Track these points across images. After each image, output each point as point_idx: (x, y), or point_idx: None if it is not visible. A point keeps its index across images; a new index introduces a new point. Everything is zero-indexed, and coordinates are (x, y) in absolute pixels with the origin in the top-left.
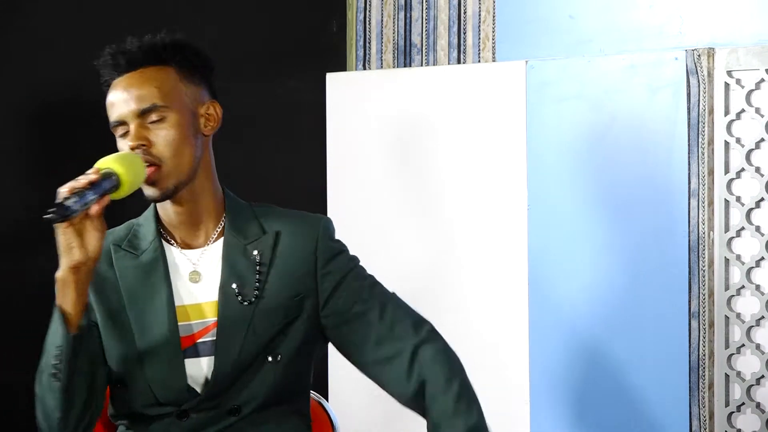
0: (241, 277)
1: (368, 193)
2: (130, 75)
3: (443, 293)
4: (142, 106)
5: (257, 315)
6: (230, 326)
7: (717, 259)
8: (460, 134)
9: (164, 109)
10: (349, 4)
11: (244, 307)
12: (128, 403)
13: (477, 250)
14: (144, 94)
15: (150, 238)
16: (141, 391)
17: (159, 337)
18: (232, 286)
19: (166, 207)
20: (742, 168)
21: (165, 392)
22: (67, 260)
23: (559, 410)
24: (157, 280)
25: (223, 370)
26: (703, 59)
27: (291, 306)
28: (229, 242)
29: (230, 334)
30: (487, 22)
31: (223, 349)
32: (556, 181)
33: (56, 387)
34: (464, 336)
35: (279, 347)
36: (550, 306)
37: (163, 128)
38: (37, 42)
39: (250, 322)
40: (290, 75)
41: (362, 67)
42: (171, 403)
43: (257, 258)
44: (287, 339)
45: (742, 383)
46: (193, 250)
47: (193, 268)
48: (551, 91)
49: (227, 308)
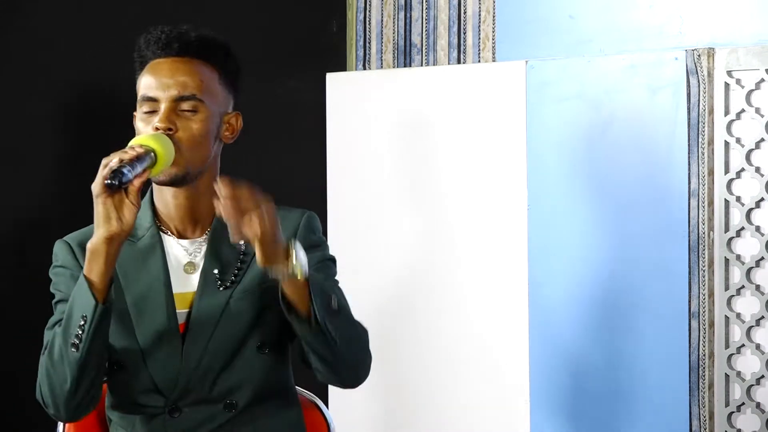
0: (224, 264)
1: (368, 192)
2: (176, 59)
3: (443, 293)
4: (183, 93)
5: (234, 298)
6: (205, 309)
7: (717, 259)
8: (460, 134)
9: (200, 103)
10: (349, 4)
11: (220, 291)
12: (125, 388)
13: (477, 250)
14: (188, 82)
15: (146, 225)
16: (139, 374)
17: (157, 320)
18: (214, 271)
19: (165, 199)
20: (742, 168)
21: (163, 374)
22: (104, 230)
23: (559, 410)
24: (154, 265)
25: (196, 351)
26: (703, 59)
27: (268, 290)
28: (216, 231)
29: (205, 317)
30: (487, 22)
31: (197, 332)
32: (556, 181)
33: (74, 357)
34: (464, 336)
35: (264, 335)
36: (550, 306)
37: (192, 119)
38: (37, 42)
39: (226, 306)
40: (290, 75)
41: (362, 67)
42: (167, 388)
43: (242, 248)
44: (269, 326)
45: (742, 383)
46: (188, 240)
47: (189, 259)
48: (551, 91)
49: (205, 292)
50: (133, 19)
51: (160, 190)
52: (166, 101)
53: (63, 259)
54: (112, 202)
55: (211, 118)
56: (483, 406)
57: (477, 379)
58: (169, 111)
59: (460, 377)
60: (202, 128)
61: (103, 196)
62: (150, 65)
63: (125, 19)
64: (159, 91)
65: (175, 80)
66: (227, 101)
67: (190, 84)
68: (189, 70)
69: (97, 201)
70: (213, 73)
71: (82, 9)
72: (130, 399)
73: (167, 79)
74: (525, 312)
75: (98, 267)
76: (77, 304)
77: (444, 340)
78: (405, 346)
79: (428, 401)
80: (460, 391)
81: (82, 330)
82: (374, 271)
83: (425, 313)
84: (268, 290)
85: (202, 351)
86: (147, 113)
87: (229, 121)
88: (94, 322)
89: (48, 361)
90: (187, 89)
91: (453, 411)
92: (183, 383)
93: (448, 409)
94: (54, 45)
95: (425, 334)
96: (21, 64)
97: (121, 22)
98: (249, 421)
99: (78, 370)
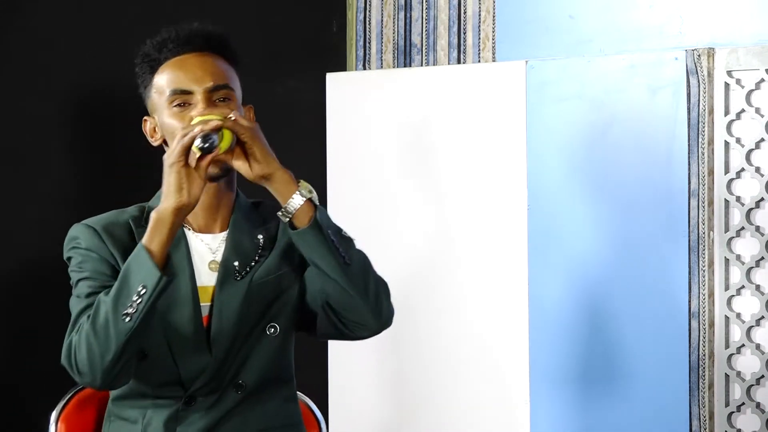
0: (244, 256)
1: (368, 192)
2: (201, 54)
3: (443, 293)
4: (218, 82)
5: (252, 285)
6: (227, 302)
7: (717, 259)
8: (460, 134)
9: (231, 93)
10: (349, 4)
11: (238, 282)
12: (143, 378)
13: (477, 250)
14: (219, 73)
15: None
16: (163, 364)
17: (184, 312)
18: (234, 263)
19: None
20: (742, 168)
21: (189, 366)
22: (174, 200)
23: (559, 410)
24: (179, 259)
25: (222, 345)
26: (703, 59)
27: (284, 277)
28: (236, 223)
29: (227, 310)
30: (487, 22)
31: (221, 325)
32: (556, 181)
33: (125, 327)
34: (464, 336)
35: (275, 319)
36: (550, 306)
37: (228, 108)
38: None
39: (245, 296)
40: (290, 75)
41: (362, 67)
42: (190, 380)
43: (261, 242)
44: (282, 310)
45: (742, 383)
46: (208, 235)
47: (212, 257)
48: (551, 91)
49: (224, 285)
50: (133, 19)
51: None
52: (201, 93)
53: (89, 243)
54: (185, 172)
55: (239, 107)
56: (483, 406)
57: (477, 379)
58: (206, 101)
59: (460, 377)
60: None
61: (178, 165)
62: (171, 62)
63: (125, 19)
64: (192, 84)
65: (208, 72)
66: (242, 97)
67: (222, 74)
68: (215, 63)
69: (171, 170)
70: (230, 66)
71: (82, 9)
72: (146, 389)
73: (200, 72)
74: (525, 312)
75: (161, 237)
76: (135, 273)
77: (444, 339)
78: (405, 346)
79: (428, 401)
80: (460, 391)
81: (140, 299)
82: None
83: (425, 313)
84: (284, 276)
85: (229, 343)
86: (179, 106)
87: (246, 114)
88: (155, 294)
89: (90, 329)
90: (221, 79)
91: (453, 411)
92: (209, 376)
93: (448, 408)
94: (54, 45)
95: (425, 333)
96: (21, 64)
97: (121, 22)
98: (256, 402)
99: (126, 340)
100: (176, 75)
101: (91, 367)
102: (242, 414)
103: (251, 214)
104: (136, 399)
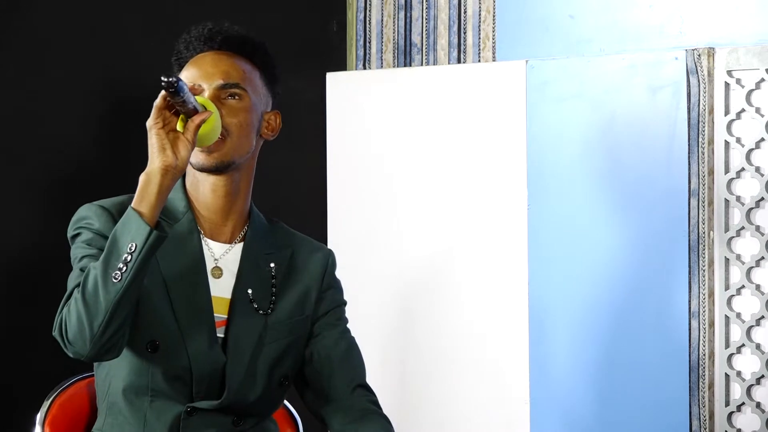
0: (257, 285)
1: (368, 192)
2: (219, 53)
3: (443, 293)
4: (228, 80)
5: (270, 326)
6: (244, 330)
7: (717, 259)
8: (460, 134)
9: (243, 92)
10: (349, 4)
11: (258, 315)
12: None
13: (477, 250)
14: (232, 72)
15: (182, 210)
16: (176, 360)
17: (197, 301)
18: (248, 291)
19: (204, 192)
20: (742, 168)
21: (203, 364)
22: (159, 161)
23: (559, 410)
24: (195, 253)
25: (236, 371)
26: (703, 59)
27: (298, 324)
28: (250, 246)
29: (244, 338)
30: (487, 22)
31: (236, 349)
32: (556, 181)
33: (115, 288)
34: (464, 336)
35: (288, 369)
36: (550, 306)
37: (237, 105)
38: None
39: (262, 332)
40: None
41: (362, 66)
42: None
43: (273, 271)
44: (292, 360)
45: (742, 383)
46: (216, 243)
47: (215, 264)
48: (551, 91)
49: (242, 310)
50: (133, 20)
51: (201, 182)
52: (210, 89)
53: (102, 226)
54: (165, 134)
55: (253, 109)
56: (483, 406)
57: (477, 379)
58: (213, 97)
59: (461, 377)
60: (247, 117)
61: (156, 128)
62: (192, 60)
63: (125, 19)
64: (203, 80)
65: (219, 69)
66: (267, 99)
67: (234, 74)
68: (231, 62)
69: (150, 132)
70: (254, 70)
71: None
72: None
73: (211, 69)
74: (525, 312)
75: (150, 198)
76: (123, 234)
77: (444, 340)
78: (405, 346)
79: (428, 401)
80: (461, 391)
81: (130, 256)
82: (374, 270)
83: (425, 313)
84: (297, 324)
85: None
86: None
87: (269, 119)
88: (146, 249)
89: (80, 296)
90: (232, 77)
91: (453, 411)
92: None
93: (448, 409)
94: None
95: (425, 333)
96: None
97: (122, 22)
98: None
99: (115, 302)
100: (191, 72)
101: (81, 334)
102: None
103: (265, 234)
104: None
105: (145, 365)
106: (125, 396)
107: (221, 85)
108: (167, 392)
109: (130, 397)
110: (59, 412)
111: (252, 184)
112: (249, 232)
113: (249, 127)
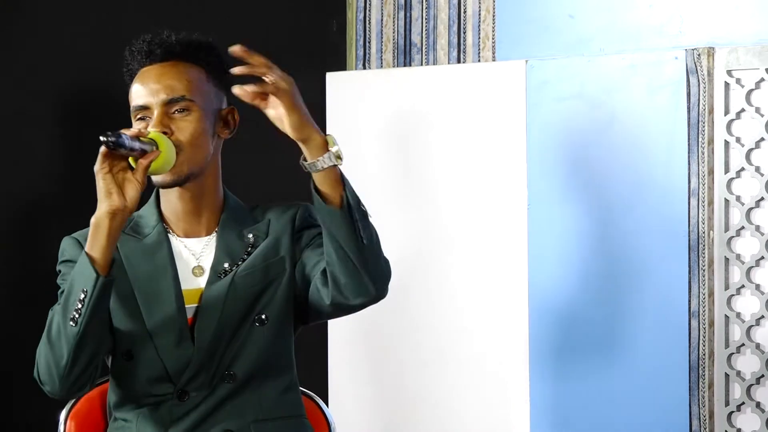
0: (233, 256)
1: (368, 192)
2: (162, 65)
3: (443, 293)
4: (172, 95)
5: (238, 276)
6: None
7: (717, 259)
8: (460, 134)
9: (191, 103)
10: (349, 3)
11: (223, 279)
12: (134, 379)
13: (477, 250)
14: (175, 84)
15: (152, 224)
16: (149, 362)
17: (166, 308)
18: (224, 264)
19: (171, 201)
20: (742, 167)
21: (175, 361)
22: (105, 205)
23: (559, 410)
24: (161, 258)
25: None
26: (703, 59)
27: (272, 265)
28: (225, 226)
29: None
30: (487, 22)
31: (206, 317)
32: (556, 181)
33: (72, 332)
34: (464, 336)
35: (265, 309)
36: (550, 306)
37: (186, 120)
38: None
39: (230, 285)
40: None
41: (362, 66)
42: (178, 374)
43: (251, 240)
44: (272, 300)
45: (742, 383)
46: (193, 239)
47: (196, 263)
48: (551, 91)
49: (213, 282)
50: (133, 20)
51: (166, 193)
52: (157, 106)
53: (71, 254)
54: (112, 178)
55: (204, 116)
56: (483, 406)
57: (477, 379)
58: (161, 115)
59: (460, 377)
60: (197, 127)
61: (102, 172)
62: (138, 74)
63: (125, 19)
64: (149, 98)
65: (163, 84)
66: (219, 98)
67: (178, 86)
68: (175, 73)
69: (97, 177)
70: (200, 73)
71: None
72: (139, 390)
73: (155, 85)
74: (525, 312)
75: (100, 242)
76: (77, 280)
77: (444, 339)
78: (405, 346)
79: (428, 401)
80: (460, 391)
81: (82, 303)
82: None
83: (425, 313)
84: (272, 265)
85: (212, 333)
86: (141, 120)
87: (224, 117)
88: (95, 295)
89: (46, 338)
90: (176, 91)
91: (453, 411)
92: (194, 368)
93: (448, 409)
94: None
95: (425, 333)
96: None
97: (121, 22)
98: (251, 393)
99: (76, 345)
100: (137, 89)
101: (50, 376)
102: (237, 404)
103: (242, 214)
104: (132, 400)
105: (127, 374)
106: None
107: (167, 100)
108: (156, 392)
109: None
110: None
111: (220, 178)
112: (223, 215)
113: (202, 137)
